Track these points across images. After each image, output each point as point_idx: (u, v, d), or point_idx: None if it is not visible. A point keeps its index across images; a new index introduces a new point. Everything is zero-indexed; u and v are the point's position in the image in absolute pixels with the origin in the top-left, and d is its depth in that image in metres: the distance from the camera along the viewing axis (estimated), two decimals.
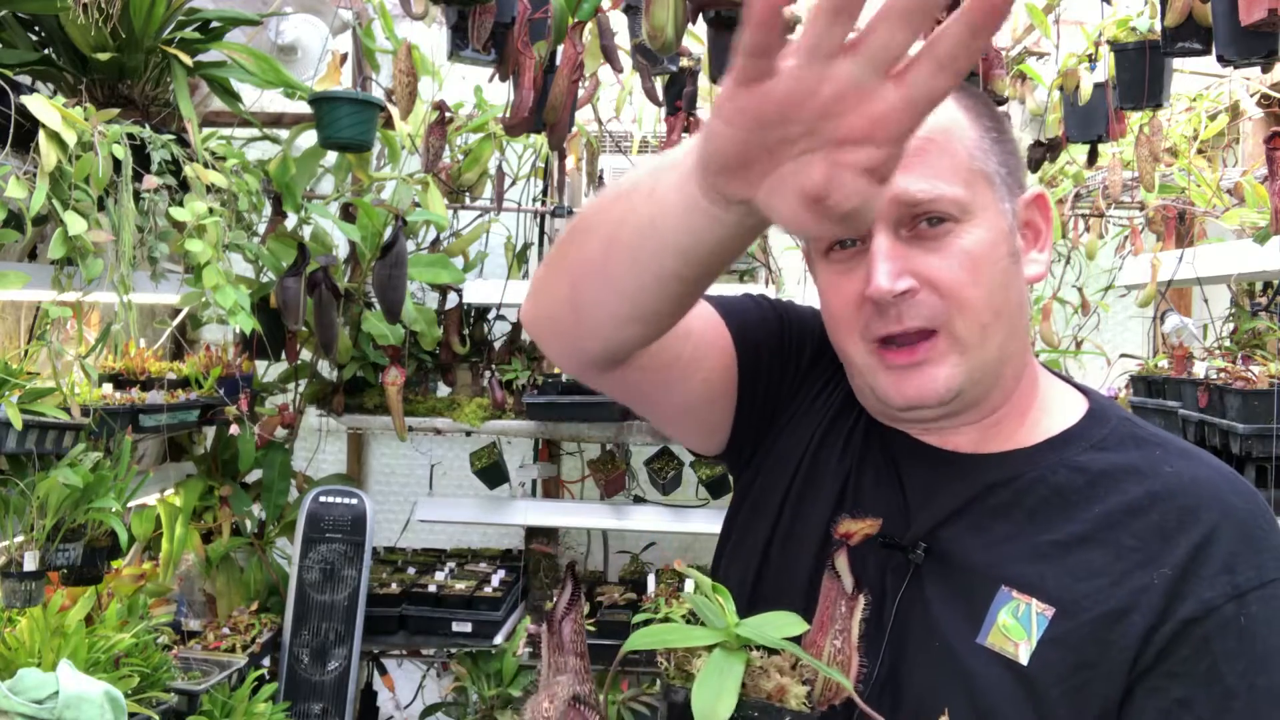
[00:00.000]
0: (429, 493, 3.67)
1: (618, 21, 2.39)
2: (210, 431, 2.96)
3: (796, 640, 0.73)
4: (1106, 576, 0.79)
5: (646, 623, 0.82)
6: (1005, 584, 0.81)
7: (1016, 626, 0.80)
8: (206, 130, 2.62)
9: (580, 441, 3.47)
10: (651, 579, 3.12)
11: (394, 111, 2.76)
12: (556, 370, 3.01)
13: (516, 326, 3.44)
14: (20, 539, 2.03)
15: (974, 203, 0.83)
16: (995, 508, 0.85)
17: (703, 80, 2.60)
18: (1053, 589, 0.80)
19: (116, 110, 2.03)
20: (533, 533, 3.51)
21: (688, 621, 0.78)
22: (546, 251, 3.54)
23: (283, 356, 2.89)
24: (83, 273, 1.87)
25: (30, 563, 2.02)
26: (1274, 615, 0.76)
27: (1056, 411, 0.90)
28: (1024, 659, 0.79)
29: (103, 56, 2.13)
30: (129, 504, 2.43)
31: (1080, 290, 3.32)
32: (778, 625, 0.73)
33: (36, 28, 2.22)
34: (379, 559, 3.38)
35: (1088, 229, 3.32)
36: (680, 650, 0.76)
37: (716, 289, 0.87)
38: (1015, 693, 0.79)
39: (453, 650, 3.13)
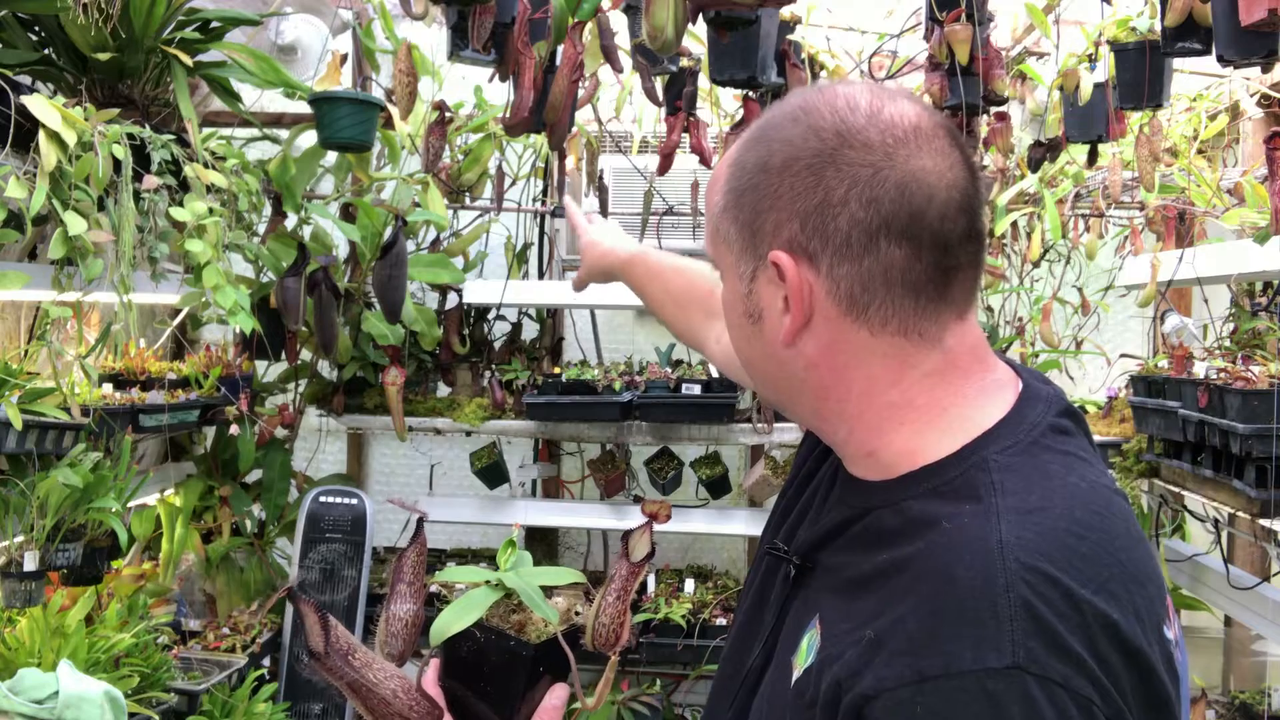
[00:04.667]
0: (429, 493, 3.67)
1: (618, 21, 2.39)
2: (210, 431, 2.96)
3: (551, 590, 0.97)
4: (853, 622, 0.76)
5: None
6: (819, 610, 0.82)
7: (804, 651, 0.81)
8: (206, 130, 2.62)
9: (580, 441, 3.47)
10: (651, 579, 3.12)
11: (394, 111, 2.76)
12: (556, 370, 3.01)
13: (516, 326, 3.44)
14: (20, 539, 2.04)
15: (719, 261, 0.89)
16: (850, 537, 0.84)
17: (703, 80, 2.61)
18: (828, 622, 0.79)
19: (116, 110, 2.04)
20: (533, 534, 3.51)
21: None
22: (545, 252, 3.54)
23: (283, 356, 2.89)
24: (83, 273, 1.87)
25: (30, 563, 2.02)
26: (951, 712, 0.66)
27: (930, 446, 0.83)
28: (792, 681, 0.81)
29: (103, 56, 2.13)
30: (129, 504, 2.43)
31: (1080, 290, 3.31)
32: (547, 576, 0.91)
33: (36, 28, 2.22)
34: (379, 559, 3.37)
35: (1088, 229, 3.32)
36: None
37: None
38: (784, 712, 0.81)
39: None
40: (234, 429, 2.69)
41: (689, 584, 3.08)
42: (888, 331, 0.80)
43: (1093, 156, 2.87)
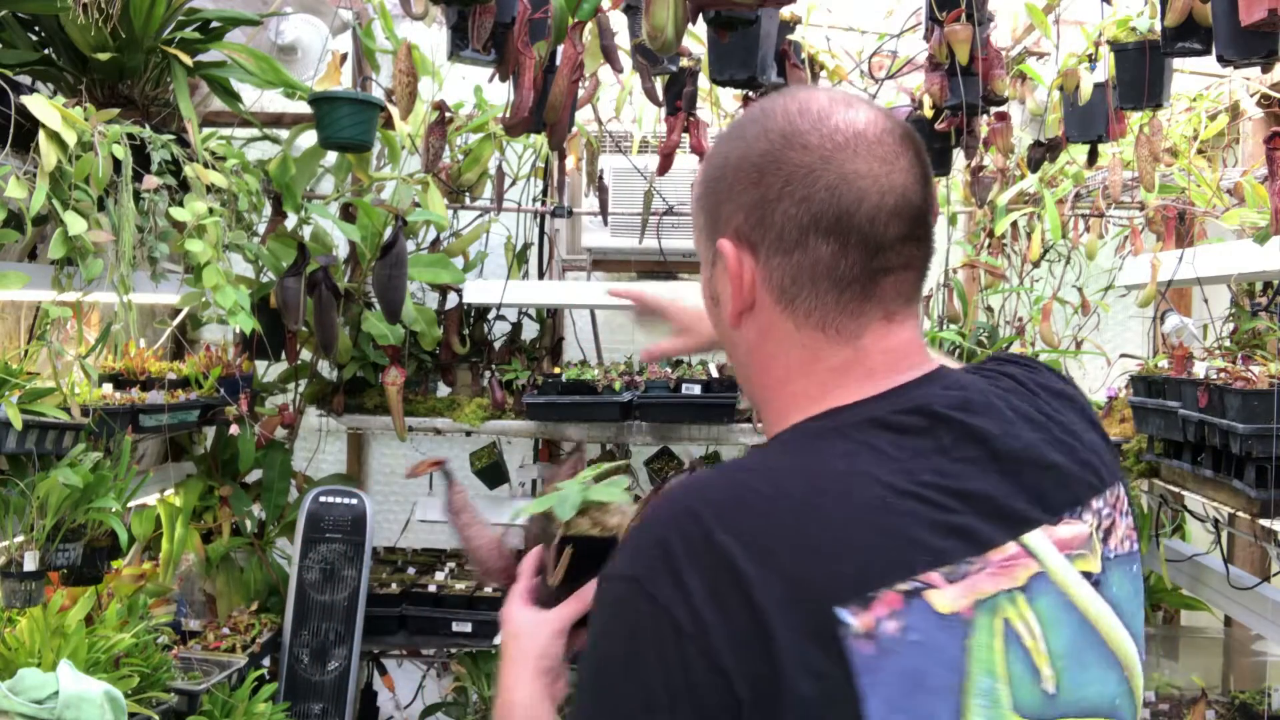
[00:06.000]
0: (429, 493, 3.66)
1: (618, 21, 2.39)
2: (210, 431, 2.96)
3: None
4: None
5: None
6: None
7: None
8: (206, 130, 2.62)
9: (580, 442, 3.47)
10: None
11: (394, 111, 2.76)
12: (556, 370, 3.01)
13: (516, 326, 3.44)
14: (20, 539, 2.04)
15: (697, 247, 0.96)
16: None
17: (703, 80, 2.60)
18: None
19: (116, 110, 2.03)
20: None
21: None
22: (545, 252, 3.54)
23: (283, 356, 2.89)
24: (83, 273, 1.87)
25: (30, 563, 2.02)
26: (598, 602, 0.81)
27: (776, 427, 0.93)
28: None
29: (103, 56, 2.13)
30: (129, 504, 2.43)
31: (1080, 290, 3.31)
32: (610, 493, 1.10)
33: (36, 28, 2.22)
34: (379, 559, 3.37)
35: (1088, 229, 3.32)
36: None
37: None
38: None
39: (453, 650, 3.13)
40: (234, 429, 2.69)
41: None
42: (809, 325, 0.86)
43: (1093, 156, 2.87)
